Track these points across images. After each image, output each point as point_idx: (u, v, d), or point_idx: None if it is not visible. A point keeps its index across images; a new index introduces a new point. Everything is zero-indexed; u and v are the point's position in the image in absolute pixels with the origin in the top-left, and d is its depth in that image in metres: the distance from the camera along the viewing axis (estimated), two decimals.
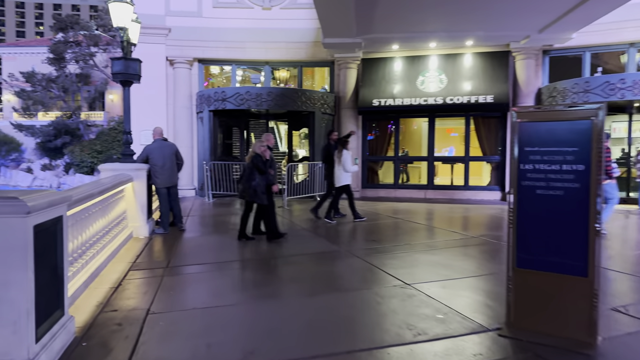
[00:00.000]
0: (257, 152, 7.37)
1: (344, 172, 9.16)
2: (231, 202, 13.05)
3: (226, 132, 14.87)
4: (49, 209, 3.30)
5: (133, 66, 8.29)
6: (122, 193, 7.59)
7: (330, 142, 9.80)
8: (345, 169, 9.14)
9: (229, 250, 7.09)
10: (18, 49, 47.62)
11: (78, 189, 4.88)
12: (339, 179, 9.25)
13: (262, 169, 7.28)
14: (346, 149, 9.20)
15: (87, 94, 44.21)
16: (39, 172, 41.53)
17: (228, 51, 14.57)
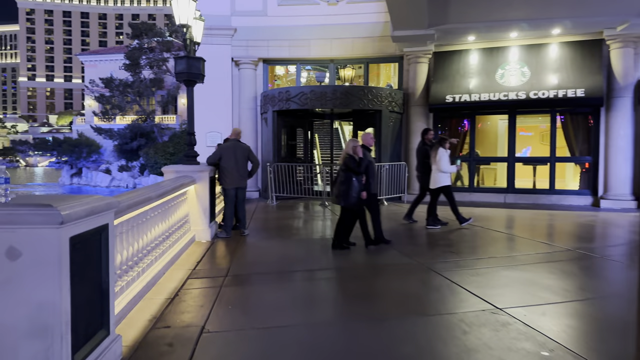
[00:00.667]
0: (350, 152, 6.74)
1: (440, 172, 8.46)
2: (295, 204, 12.65)
3: (290, 133, 14.53)
4: (89, 217, 2.90)
5: (196, 65, 8.04)
6: (184, 196, 7.34)
7: (425, 141, 9.10)
8: (440, 169, 8.46)
9: (293, 258, 6.59)
10: (98, 56, 50.93)
11: (130, 194, 4.55)
12: (435, 180, 8.59)
13: (354, 169, 6.61)
14: (444, 147, 8.52)
15: (161, 98, 46.28)
16: (116, 173, 44.06)
17: (292, 50, 14.22)
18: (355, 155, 6.74)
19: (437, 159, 8.47)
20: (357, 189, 6.64)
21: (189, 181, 7.36)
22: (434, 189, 8.70)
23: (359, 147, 6.83)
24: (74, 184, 47.72)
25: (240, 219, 8.38)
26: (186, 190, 7.43)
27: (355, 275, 5.69)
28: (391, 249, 7.01)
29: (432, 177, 8.67)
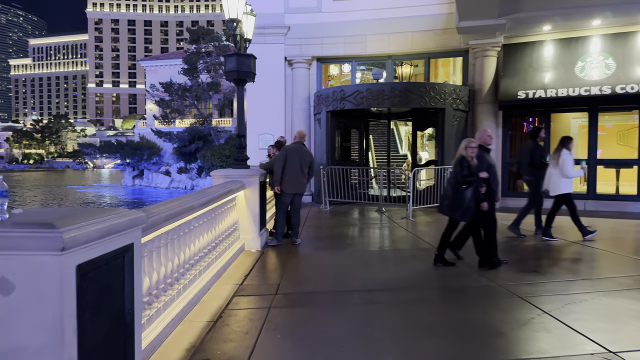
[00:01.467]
0: (463, 154, 5.76)
1: (563, 177, 7.48)
2: (349, 210, 11.94)
3: (344, 135, 13.84)
4: (105, 239, 2.35)
5: (246, 63, 7.54)
6: (233, 202, 6.85)
7: (537, 141, 8.07)
8: (564, 174, 7.45)
9: (350, 274, 5.88)
10: (159, 61, 52.72)
11: (169, 204, 4.04)
12: (556, 186, 7.59)
13: (463, 176, 5.64)
14: (567, 148, 7.52)
15: (217, 102, 47.14)
16: (175, 175, 45.28)
17: (348, 47, 13.53)
18: (468, 157, 5.72)
19: (561, 163, 7.43)
20: (468, 197, 5.70)
21: (238, 186, 6.85)
22: (557, 195, 7.63)
23: (473, 147, 5.79)
24: (136, 185, 49.60)
25: (294, 226, 7.80)
26: (235, 196, 6.93)
27: (426, 298, 4.89)
28: (463, 265, 6.14)
29: (552, 183, 7.61)
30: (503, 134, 12.39)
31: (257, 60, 7.83)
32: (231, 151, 38.86)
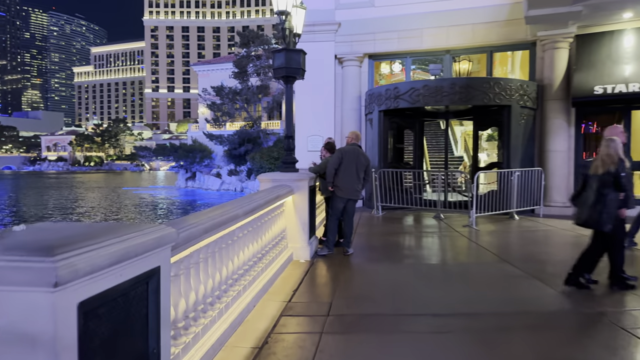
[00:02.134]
0: (620, 155, 4.86)
1: None
2: (402, 216, 11.19)
3: (397, 135, 13.08)
4: (118, 266, 1.84)
5: (296, 59, 7.03)
6: (281, 208, 6.34)
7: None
8: None
9: (411, 293, 5.20)
10: (210, 66, 53.79)
11: (208, 214, 3.54)
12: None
13: (623, 184, 4.79)
14: None
15: (267, 104, 47.41)
16: (226, 177, 45.91)
17: (402, 42, 12.78)
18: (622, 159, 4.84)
19: None
20: (617, 206, 4.84)
21: (286, 191, 6.34)
22: None
23: (619, 146, 4.92)
24: (189, 187, 50.79)
25: (346, 235, 7.20)
26: (283, 202, 6.42)
27: (508, 328, 4.13)
28: (536, 281, 5.29)
29: None
30: (576, 134, 11.21)
31: (307, 59, 7.30)
32: (280, 153, 38.85)
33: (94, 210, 31.43)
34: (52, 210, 31.83)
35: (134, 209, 30.95)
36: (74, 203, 36.48)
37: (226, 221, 3.83)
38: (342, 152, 7.06)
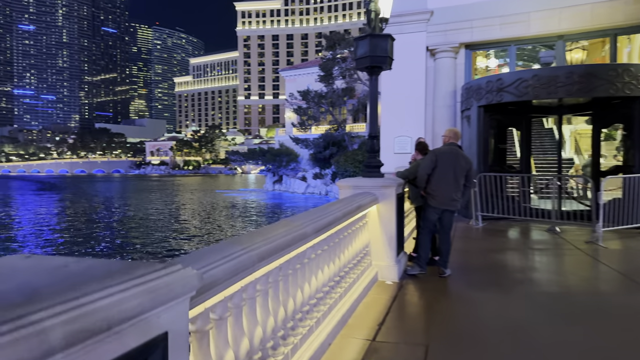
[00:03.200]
0: None
1: None
2: (507, 228, 9.64)
3: (499, 134, 11.49)
4: (80, 349, 0.99)
5: (382, 46, 6.01)
6: (363, 220, 5.37)
7: None
8: None
9: (538, 334, 3.94)
10: (297, 71, 54.31)
11: (263, 235, 2.67)
12: None
13: None
14: None
15: (352, 107, 46.70)
16: (311, 181, 45.91)
17: (505, 29, 11.21)
18: None
19: None
20: None
21: (369, 200, 5.35)
22: None
23: None
24: (276, 190, 51.64)
25: (442, 253, 6.04)
26: (366, 213, 5.44)
27: None
28: None
29: None
30: None
31: (394, 52, 6.27)
32: (364, 156, 37.82)
33: (190, 211, 32.76)
34: (154, 211, 33.73)
35: (224, 211, 31.79)
36: (172, 205, 38.47)
37: (290, 243, 2.95)
38: (436, 154, 5.92)
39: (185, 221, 27.18)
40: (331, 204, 4.44)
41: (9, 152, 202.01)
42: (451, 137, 6.08)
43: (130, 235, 21.70)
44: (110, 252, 17.72)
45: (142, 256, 16.72)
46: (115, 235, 22.09)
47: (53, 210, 34.31)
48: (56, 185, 77.26)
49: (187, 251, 17.69)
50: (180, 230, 22.66)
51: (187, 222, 26.58)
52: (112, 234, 22.28)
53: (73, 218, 29.44)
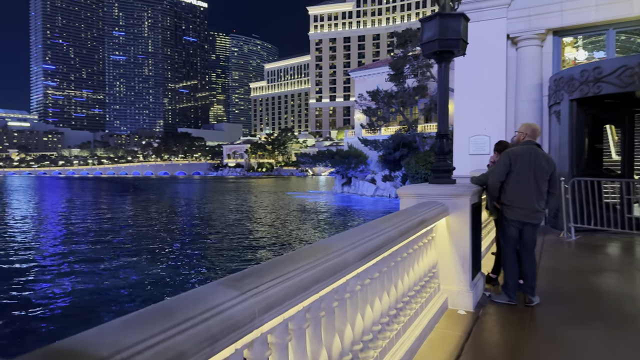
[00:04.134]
0: None
1: None
2: (606, 243, 8.13)
3: (594, 132, 9.87)
4: None
5: (454, 27, 5.05)
6: (429, 235, 4.46)
7: None
8: None
9: None
10: (366, 71, 53.29)
11: (280, 268, 1.90)
12: None
13: None
14: None
15: (424, 106, 44.91)
16: (380, 183, 44.72)
17: (602, 10, 9.63)
18: None
19: None
20: None
21: (436, 212, 4.42)
22: None
23: None
24: (344, 192, 50.99)
25: (526, 276, 4.94)
26: (433, 227, 4.52)
27: None
28: None
29: None
30: None
31: (470, 41, 5.28)
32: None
33: (260, 212, 33.06)
34: (230, 211, 34.48)
35: (294, 214, 31.77)
36: (244, 206, 39.16)
37: (324, 275, 2.18)
38: (510, 155, 4.83)
39: (257, 223, 27.33)
40: (387, 218, 3.60)
41: (101, 155, 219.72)
42: (528, 133, 4.96)
43: (204, 237, 22.07)
44: (182, 258, 17.99)
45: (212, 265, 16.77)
46: (191, 236, 22.57)
47: (140, 211, 36.20)
48: (140, 187, 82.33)
49: (256, 258, 17.51)
50: (251, 233, 22.75)
51: (258, 223, 26.70)
52: (187, 235, 22.79)
53: (153, 220, 30.75)
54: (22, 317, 10.87)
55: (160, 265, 15.77)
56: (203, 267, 15.56)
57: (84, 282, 13.73)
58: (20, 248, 19.30)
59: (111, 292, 12.70)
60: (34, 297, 12.19)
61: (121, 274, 14.65)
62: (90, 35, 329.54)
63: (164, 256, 17.44)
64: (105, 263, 16.28)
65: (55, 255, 17.73)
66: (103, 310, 11.19)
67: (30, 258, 17.18)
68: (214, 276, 14.19)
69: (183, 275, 14.40)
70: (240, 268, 15.18)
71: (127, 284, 13.50)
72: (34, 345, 8.66)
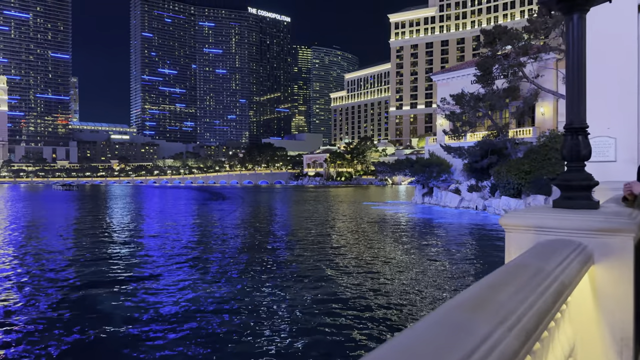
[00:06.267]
0: None
1: None
2: None
3: None
4: None
5: None
6: (563, 299, 2.47)
7: None
8: None
9: None
10: (450, 74, 50.06)
11: None
12: None
13: None
14: None
15: (515, 109, 40.96)
16: (465, 193, 41.33)
17: None
18: None
19: None
20: None
21: (577, 265, 2.43)
22: None
23: None
24: (425, 203, 48.02)
25: None
26: (568, 293, 2.52)
27: None
28: None
29: None
30: None
31: (588, 17, 3.28)
32: (532, 166, 32.27)
33: (339, 222, 31.68)
34: (306, 220, 33.57)
35: (372, 226, 29.84)
36: (312, 215, 38.06)
37: None
38: None
39: (335, 234, 25.93)
40: (482, 290, 1.72)
41: (191, 165, 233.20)
42: None
43: (285, 245, 21.07)
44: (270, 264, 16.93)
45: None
46: (274, 246, 21.65)
47: (227, 220, 36.49)
48: (224, 195, 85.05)
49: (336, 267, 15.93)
50: (330, 244, 21.34)
51: (335, 235, 25.28)
52: (272, 244, 21.92)
53: (238, 227, 30.59)
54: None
55: (267, 283, 14.73)
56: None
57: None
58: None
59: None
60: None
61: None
62: (183, 53, 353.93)
63: (269, 271, 16.46)
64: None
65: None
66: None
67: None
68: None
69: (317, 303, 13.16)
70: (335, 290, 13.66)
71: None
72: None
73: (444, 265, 16.93)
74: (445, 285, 13.86)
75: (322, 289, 13.51)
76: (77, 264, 17.80)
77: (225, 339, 9.65)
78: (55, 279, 15.17)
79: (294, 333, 9.94)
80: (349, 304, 11.97)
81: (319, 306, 11.80)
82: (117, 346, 9.41)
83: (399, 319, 10.82)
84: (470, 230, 27.28)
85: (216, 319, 10.87)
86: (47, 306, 12.02)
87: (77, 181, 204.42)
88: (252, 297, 12.76)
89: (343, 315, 11.04)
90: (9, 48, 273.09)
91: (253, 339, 9.56)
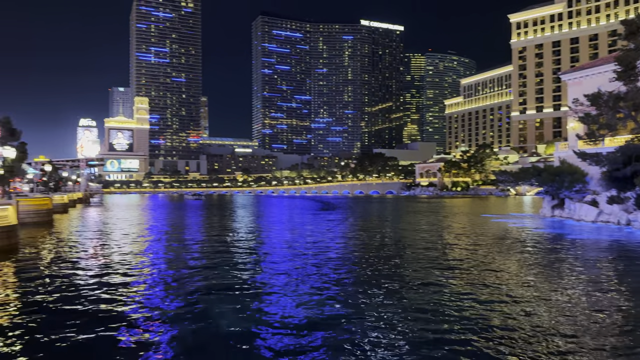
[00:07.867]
0: None
1: None
2: None
3: None
4: None
5: None
6: None
7: None
8: None
9: None
10: (583, 72, 44.89)
11: None
12: None
13: None
14: None
15: None
16: (604, 206, 36.52)
17: None
18: None
19: None
20: None
21: None
22: None
23: None
24: (555, 216, 43.39)
25: None
26: None
27: None
28: None
29: None
30: None
31: None
32: None
33: (454, 236, 30.01)
34: (419, 232, 32.47)
35: (493, 243, 27.33)
36: (429, 228, 36.50)
37: None
38: None
39: (451, 250, 24.51)
40: None
41: (306, 176, 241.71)
42: None
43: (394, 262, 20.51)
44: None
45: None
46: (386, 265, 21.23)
47: (338, 231, 36.94)
48: (335, 205, 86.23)
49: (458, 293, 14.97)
50: (446, 265, 19.96)
51: (452, 252, 23.87)
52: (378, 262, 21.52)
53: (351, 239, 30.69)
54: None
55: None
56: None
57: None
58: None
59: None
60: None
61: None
62: (300, 69, 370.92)
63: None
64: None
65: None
66: None
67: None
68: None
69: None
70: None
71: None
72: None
73: (588, 294, 14.64)
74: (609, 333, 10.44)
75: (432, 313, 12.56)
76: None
77: (349, 349, 9.37)
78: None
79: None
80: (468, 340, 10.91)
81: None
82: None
83: None
84: (615, 250, 23.77)
85: (337, 330, 10.69)
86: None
87: (205, 191, 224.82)
88: (376, 311, 12.33)
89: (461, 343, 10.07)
90: (149, 73, 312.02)
91: (382, 350, 9.11)
